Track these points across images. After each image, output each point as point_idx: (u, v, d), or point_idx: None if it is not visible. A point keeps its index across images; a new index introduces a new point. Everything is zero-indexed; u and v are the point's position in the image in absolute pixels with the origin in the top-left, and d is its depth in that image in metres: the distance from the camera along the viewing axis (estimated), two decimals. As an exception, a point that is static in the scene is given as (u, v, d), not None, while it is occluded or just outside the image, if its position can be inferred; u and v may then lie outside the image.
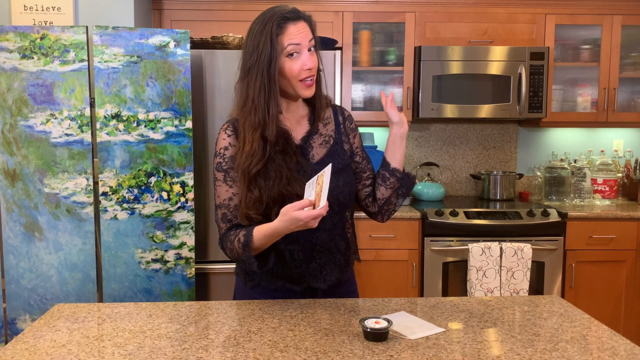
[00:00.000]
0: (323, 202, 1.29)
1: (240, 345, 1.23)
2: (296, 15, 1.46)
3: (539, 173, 3.61)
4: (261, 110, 1.44)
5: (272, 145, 1.45)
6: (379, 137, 3.62)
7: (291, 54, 1.44)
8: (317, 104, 1.56)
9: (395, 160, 1.57)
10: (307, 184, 1.37)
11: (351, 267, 1.66)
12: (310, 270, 1.54)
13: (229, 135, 1.52)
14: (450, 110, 3.25)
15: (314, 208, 1.32)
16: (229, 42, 2.77)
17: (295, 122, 1.57)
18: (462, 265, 3.02)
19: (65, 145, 2.44)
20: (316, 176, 1.34)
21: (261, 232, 1.41)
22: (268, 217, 1.45)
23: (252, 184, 1.45)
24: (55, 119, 2.42)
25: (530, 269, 2.96)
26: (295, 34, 1.43)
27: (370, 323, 1.27)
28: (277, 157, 1.47)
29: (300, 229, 1.37)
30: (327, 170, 1.31)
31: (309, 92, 1.49)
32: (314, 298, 1.57)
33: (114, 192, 2.47)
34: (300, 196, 1.42)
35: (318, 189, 1.32)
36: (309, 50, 1.46)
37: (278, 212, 1.40)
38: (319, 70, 1.52)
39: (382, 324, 1.27)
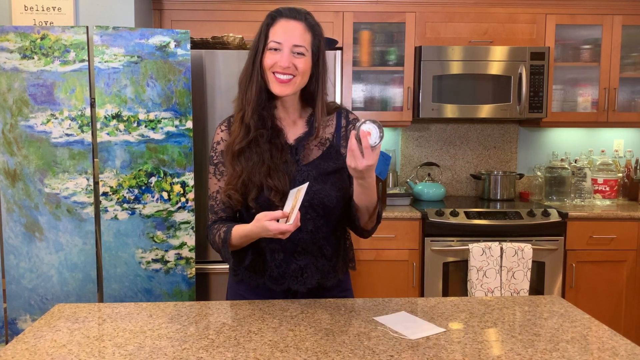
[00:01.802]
0: (292, 219, 1.32)
1: (241, 346, 1.23)
2: (292, 15, 1.47)
3: (539, 173, 3.61)
4: (241, 94, 1.51)
5: (255, 128, 1.48)
6: (379, 137, 3.61)
7: (273, 49, 1.46)
8: (315, 109, 1.54)
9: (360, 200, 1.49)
10: (291, 191, 1.39)
11: (338, 275, 1.61)
12: (291, 271, 1.54)
13: (222, 131, 1.59)
14: (450, 111, 3.25)
15: (287, 221, 1.34)
16: (229, 42, 2.77)
17: (292, 122, 1.57)
18: (462, 266, 3.02)
19: (65, 146, 2.44)
20: (297, 188, 1.36)
21: (238, 232, 1.46)
22: (246, 200, 1.49)
23: (235, 161, 1.50)
24: (56, 119, 2.42)
25: (531, 269, 2.96)
26: (280, 33, 1.46)
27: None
28: (264, 144, 1.49)
29: (270, 237, 1.39)
30: (304, 187, 1.34)
31: (279, 90, 1.47)
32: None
33: (115, 192, 2.47)
34: (279, 190, 1.45)
35: (294, 202, 1.34)
36: (294, 53, 1.46)
37: (255, 197, 1.47)
38: (314, 76, 1.51)
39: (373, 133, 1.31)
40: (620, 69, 3.37)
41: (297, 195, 1.34)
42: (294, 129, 1.57)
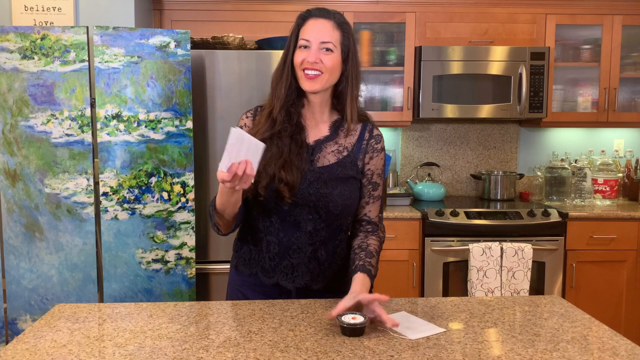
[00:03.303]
0: (224, 167, 1.28)
1: (241, 346, 1.23)
2: (320, 14, 1.53)
3: (539, 173, 3.60)
4: (272, 90, 1.56)
5: (281, 122, 1.52)
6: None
7: (302, 47, 1.51)
8: (345, 114, 1.57)
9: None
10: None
11: (330, 281, 1.60)
12: (282, 267, 1.56)
13: (247, 117, 1.63)
14: (450, 111, 3.25)
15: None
16: (230, 42, 2.77)
17: (315, 124, 1.59)
18: (462, 266, 3.02)
19: (65, 146, 2.44)
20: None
21: (218, 192, 1.46)
22: (256, 186, 1.49)
23: None
24: (56, 119, 2.42)
25: (531, 269, 2.96)
26: (309, 30, 1.51)
27: (347, 319, 1.28)
28: (285, 138, 1.52)
29: (228, 191, 1.38)
30: (232, 131, 1.28)
31: (307, 85, 1.52)
32: (287, 298, 1.57)
33: (115, 192, 2.47)
34: (288, 183, 1.48)
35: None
36: (323, 50, 1.50)
37: (266, 185, 1.49)
38: (344, 74, 1.54)
39: (359, 319, 1.28)
40: (620, 69, 3.37)
41: (228, 142, 1.29)
42: (316, 131, 1.59)
